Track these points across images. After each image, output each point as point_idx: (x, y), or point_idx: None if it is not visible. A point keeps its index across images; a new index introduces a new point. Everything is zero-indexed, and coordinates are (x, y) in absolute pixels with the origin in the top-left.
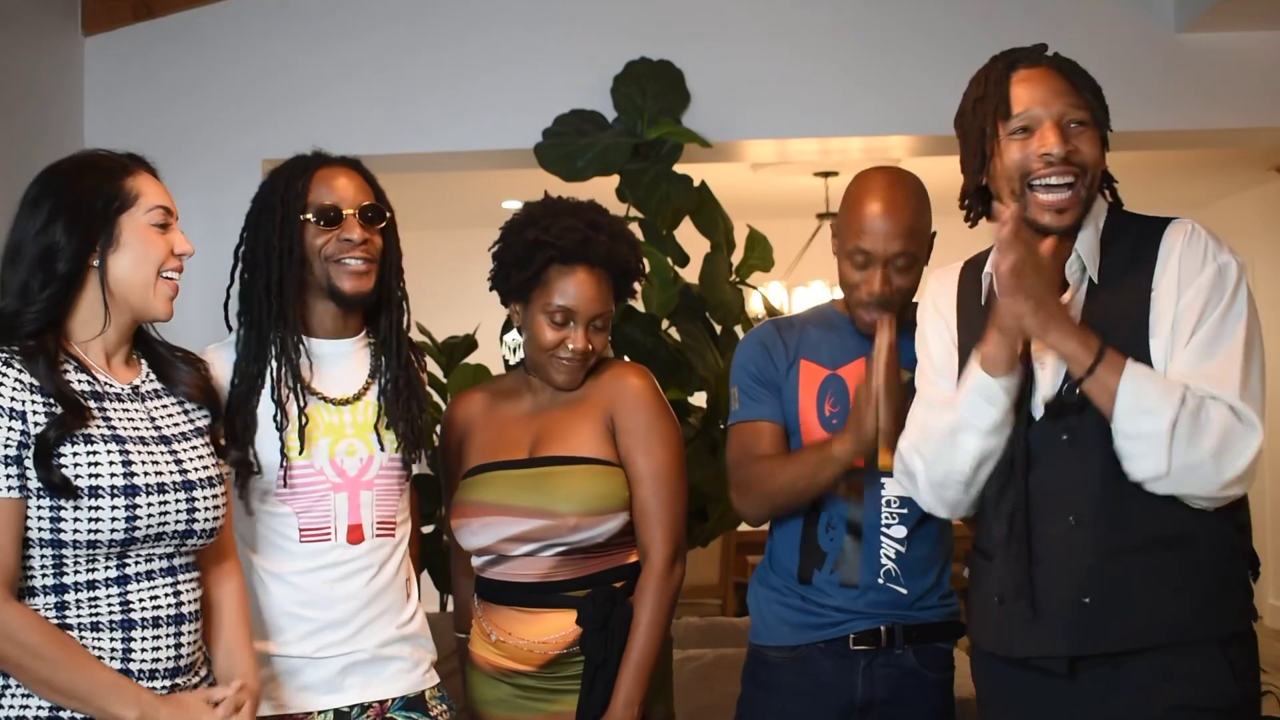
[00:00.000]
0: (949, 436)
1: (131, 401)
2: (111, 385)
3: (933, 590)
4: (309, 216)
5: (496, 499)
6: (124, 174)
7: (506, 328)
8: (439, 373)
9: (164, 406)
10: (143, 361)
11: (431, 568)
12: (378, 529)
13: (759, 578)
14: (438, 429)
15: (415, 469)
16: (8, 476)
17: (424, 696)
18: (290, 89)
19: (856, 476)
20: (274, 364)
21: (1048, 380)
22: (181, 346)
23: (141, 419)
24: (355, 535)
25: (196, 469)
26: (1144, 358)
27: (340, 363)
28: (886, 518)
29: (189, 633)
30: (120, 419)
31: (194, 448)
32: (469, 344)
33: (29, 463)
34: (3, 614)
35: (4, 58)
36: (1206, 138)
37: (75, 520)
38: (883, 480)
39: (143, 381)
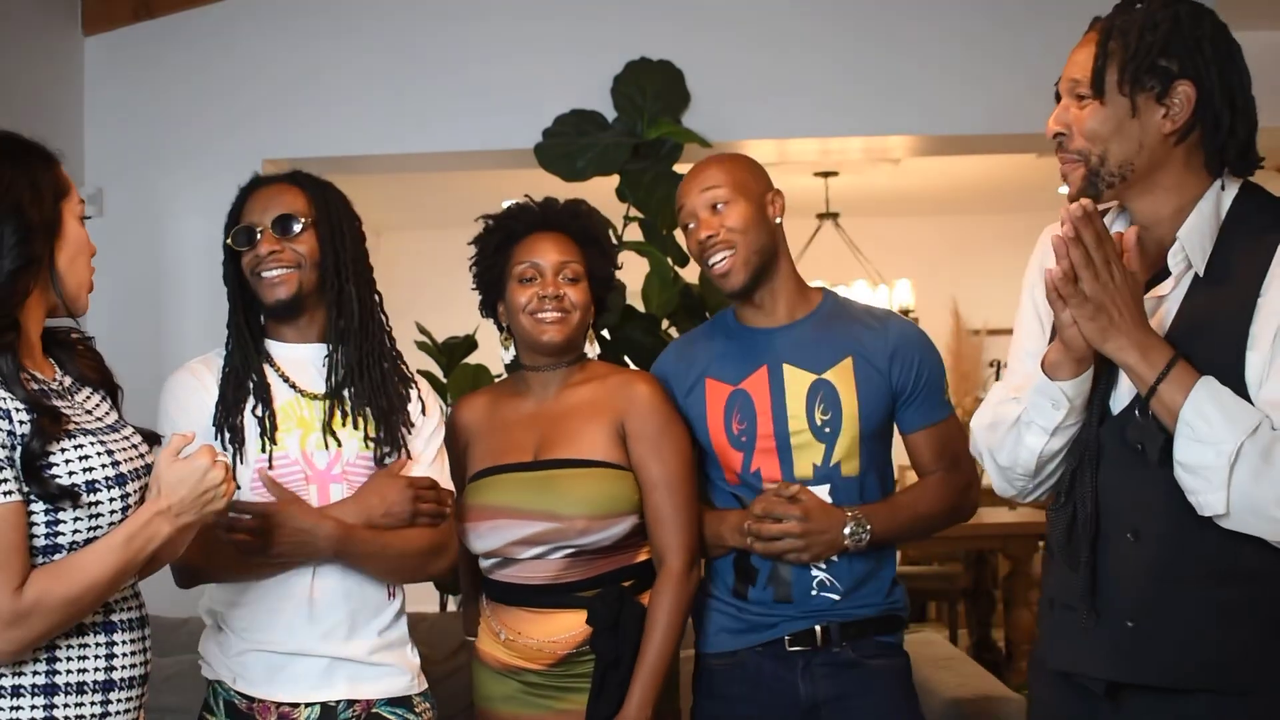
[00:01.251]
0: (1015, 429)
1: (68, 397)
2: (50, 384)
3: (870, 590)
4: (230, 241)
5: (503, 502)
6: (56, 162)
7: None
8: (439, 373)
9: (88, 398)
10: (50, 359)
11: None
12: None
13: (700, 588)
14: None
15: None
16: (4, 480)
17: (410, 698)
18: (290, 89)
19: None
20: (247, 368)
21: (1127, 380)
22: (62, 326)
23: (81, 411)
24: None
25: (144, 455)
26: (1238, 371)
27: (304, 365)
28: None
29: (148, 638)
30: (76, 413)
31: (126, 439)
32: (469, 344)
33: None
34: (29, 600)
35: (4, 58)
36: None
37: (75, 521)
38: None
39: (62, 377)
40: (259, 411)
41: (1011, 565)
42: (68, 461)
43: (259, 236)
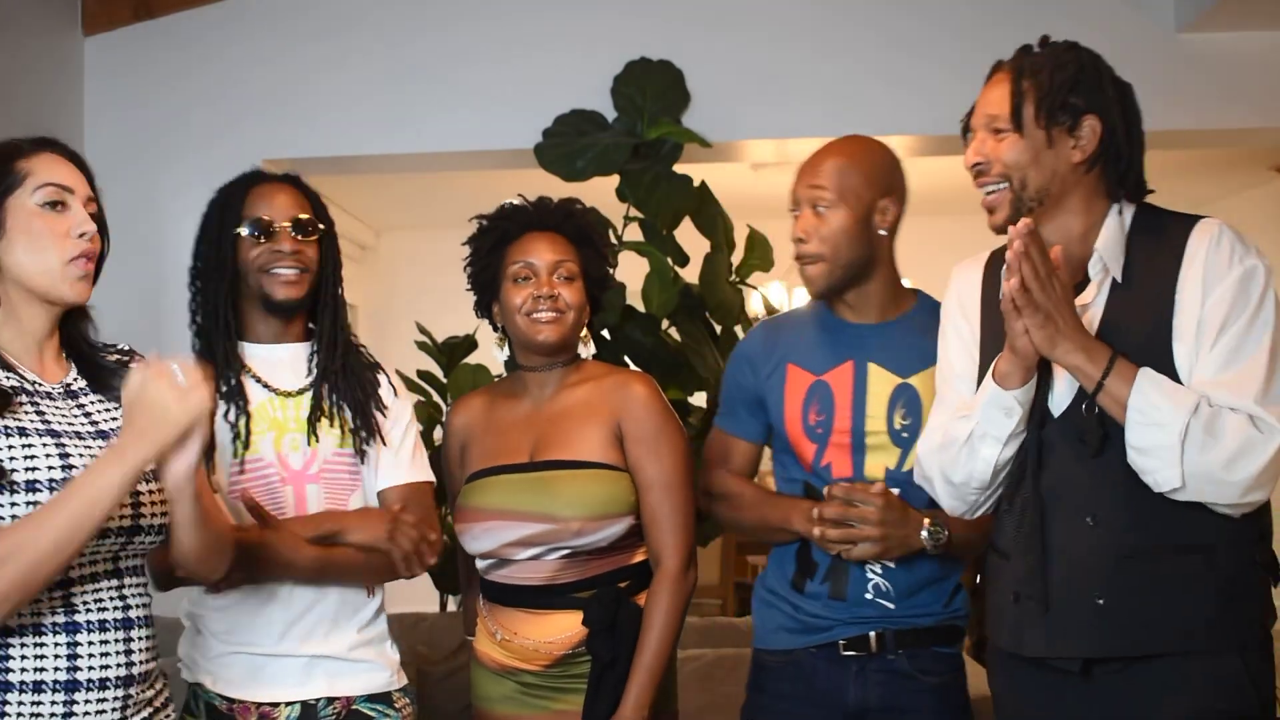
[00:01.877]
0: (967, 445)
1: (63, 399)
2: (40, 384)
3: (928, 597)
4: (242, 230)
5: (498, 504)
6: (18, 156)
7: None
8: (439, 372)
9: (99, 401)
10: (70, 361)
11: (431, 568)
12: None
13: (760, 581)
14: (437, 431)
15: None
16: None
17: (389, 694)
18: (290, 89)
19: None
20: (222, 368)
21: (1064, 380)
22: (118, 346)
23: (76, 415)
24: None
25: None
26: (1167, 360)
27: (281, 366)
28: None
29: (140, 638)
30: (53, 414)
31: (88, 447)
32: (469, 344)
33: None
34: None
35: (4, 58)
36: (1206, 138)
37: (14, 518)
38: None
39: (73, 380)
40: (231, 416)
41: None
42: (13, 456)
43: (276, 232)
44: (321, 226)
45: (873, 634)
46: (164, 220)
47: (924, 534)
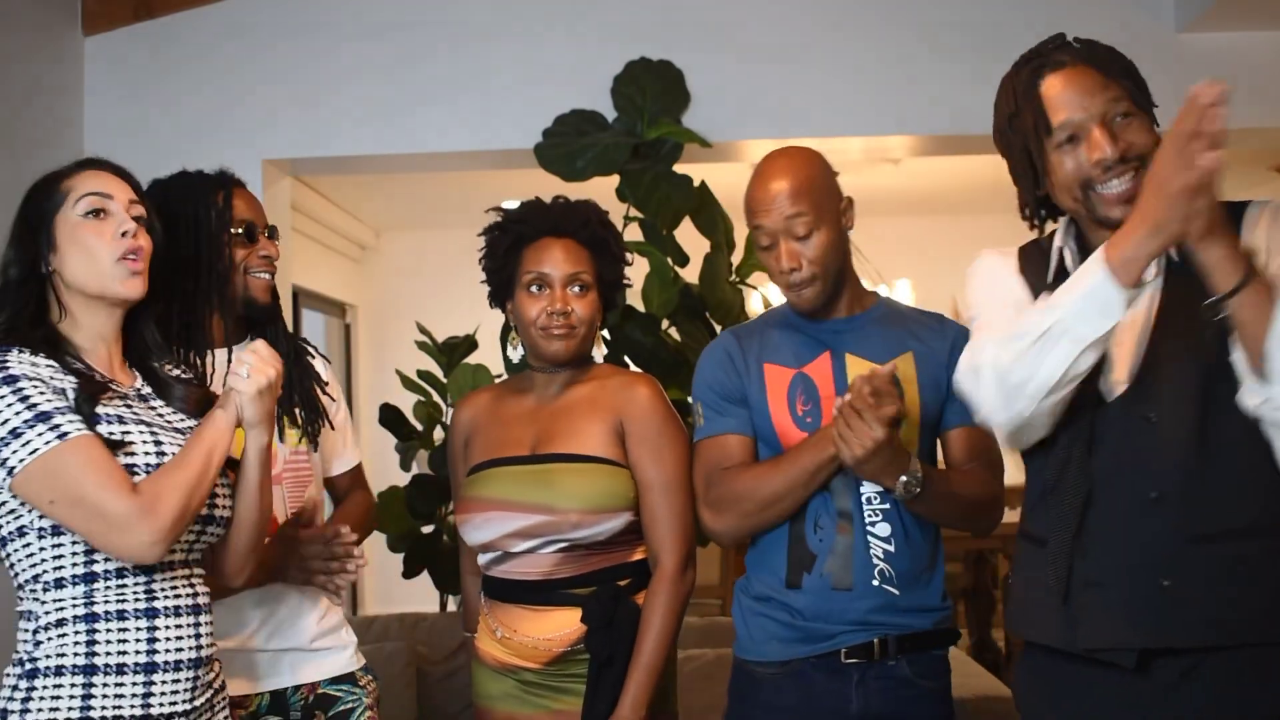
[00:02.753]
0: (1041, 340)
1: (139, 401)
2: (120, 386)
3: (924, 592)
4: (238, 232)
5: (498, 494)
6: (64, 177)
7: (505, 330)
8: (439, 372)
9: (166, 405)
10: (134, 372)
11: (431, 568)
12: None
13: (742, 589)
14: (437, 430)
15: (415, 468)
16: (72, 421)
17: (353, 674)
18: (290, 89)
19: (840, 477)
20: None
21: (1124, 360)
22: (181, 367)
23: (150, 413)
24: (272, 527)
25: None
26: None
27: (222, 368)
28: (870, 515)
29: (205, 624)
30: (139, 409)
31: (153, 436)
32: (469, 344)
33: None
34: (147, 494)
35: (4, 58)
36: None
37: None
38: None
39: (142, 386)
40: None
41: (1012, 565)
42: (111, 434)
43: (264, 236)
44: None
45: (876, 640)
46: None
47: (902, 477)
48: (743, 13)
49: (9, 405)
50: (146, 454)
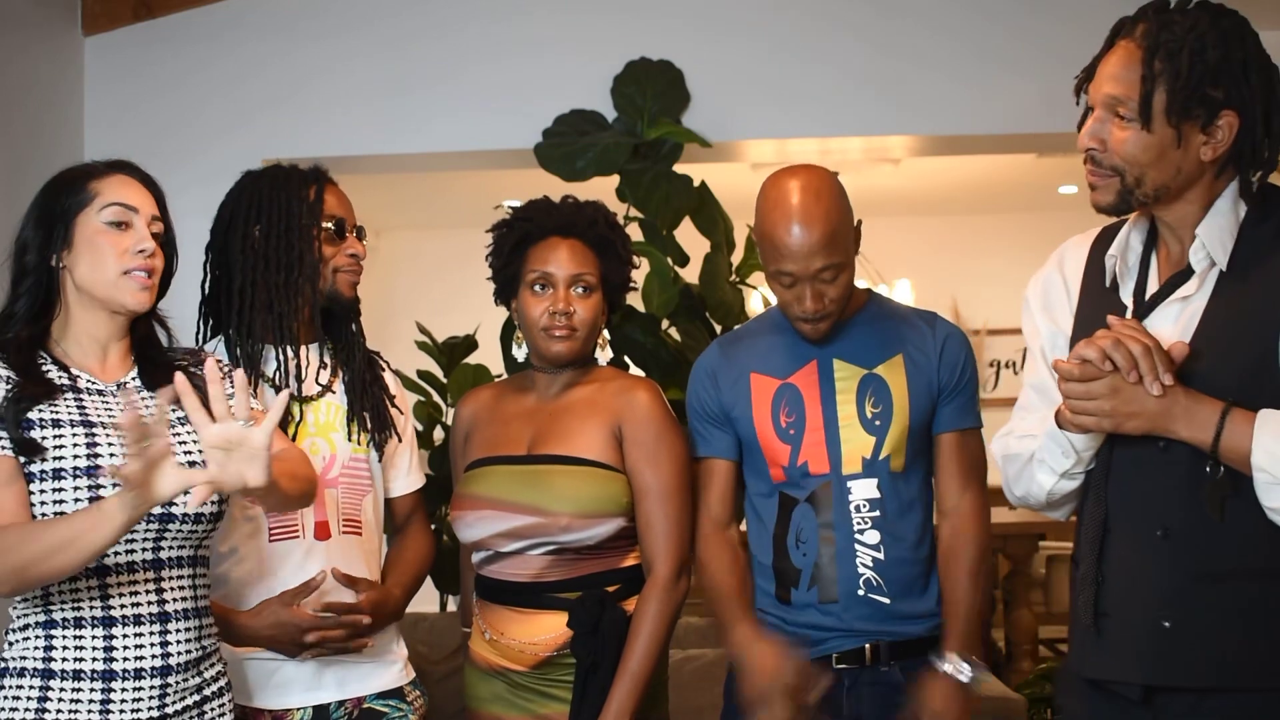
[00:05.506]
0: (1029, 464)
1: (114, 396)
2: (95, 382)
3: (918, 599)
4: (329, 227)
5: (491, 493)
6: (92, 177)
7: (506, 329)
8: (439, 372)
9: (148, 397)
10: (135, 363)
11: (432, 569)
12: (344, 526)
13: None
14: (437, 430)
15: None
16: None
17: (401, 689)
18: (290, 89)
19: (824, 485)
20: (248, 368)
21: None
22: (190, 351)
23: (108, 412)
24: (322, 532)
25: (177, 454)
26: (1274, 362)
27: (304, 366)
28: (858, 523)
29: (179, 630)
30: (95, 408)
31: (175, 435)
32: (469, 344)
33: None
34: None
35: (4, 58)
36: None
37: (41, 504)
38: (849, 485)
39: (131, 378)
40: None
41: (1011, 565)
42: (44, 438)
43: (352, 235)
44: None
45: (867, 646)
46: None
47: (964, 671)
48: (743, 13)
49: None
50: (76, 456)
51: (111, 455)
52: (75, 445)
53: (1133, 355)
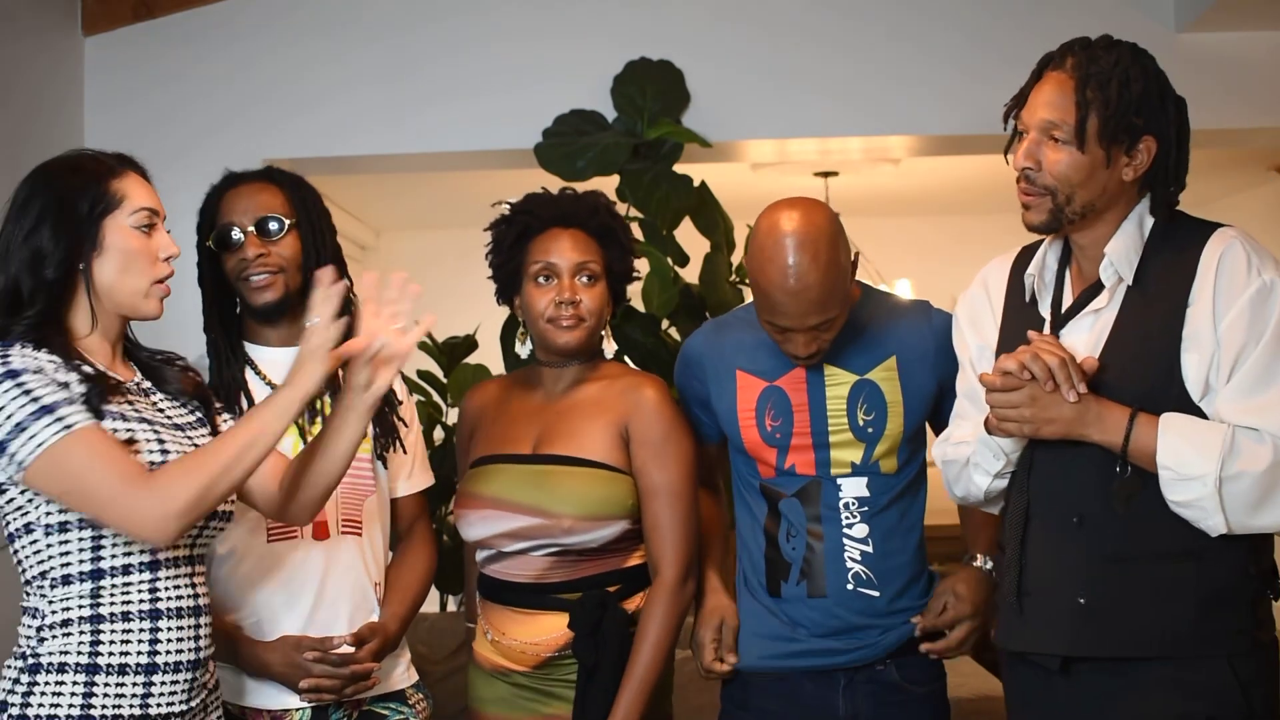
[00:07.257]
0: (965, 468)
1: (138, 396)
2: (124, 383)
3: (908, 592)
4: (210, 244)
5: (495, 493)
6: (111, 176)
7: (507, 329)
8: (439, 372)
9: (166, 398)
10: (131, 363)
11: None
12: (343, 526)
13: (737, 588)
14: (437, 430)
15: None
16: (76, 413)
17: (403, 691)
18: (291, 89)
19: (812, 482)
20: (231, 371)
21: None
22: (163, 349)
23: (152, 410)
24: (321, 531)
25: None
26: (1175, 369)
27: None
28: (847, 519)
29: (205, 625)
30: (141, 404)
31: (202, 436)
32: (469, 344)
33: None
34: (161, 477)
35: (4, 57)
36: (1206, 138)
37: None
38: (839, 483)
39: (141, 380)
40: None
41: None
42: (115, 432)
43: (242, 239)
44: (289, 223)
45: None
46: None
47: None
48: (742, 13)
49: (13, 399)
50: (150, 452)
51: (178, 452)
52: (148, 441)
53: (1049, 367)
